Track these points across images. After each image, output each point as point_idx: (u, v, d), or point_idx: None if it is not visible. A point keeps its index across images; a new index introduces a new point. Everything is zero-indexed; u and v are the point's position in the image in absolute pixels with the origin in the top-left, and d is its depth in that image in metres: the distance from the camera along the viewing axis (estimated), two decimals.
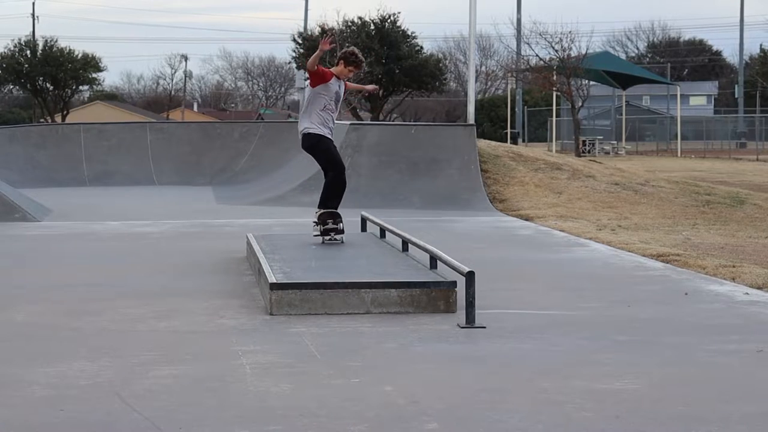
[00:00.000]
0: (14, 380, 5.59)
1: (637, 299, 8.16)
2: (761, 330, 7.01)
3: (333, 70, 9.93)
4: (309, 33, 57.25)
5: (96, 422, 4.85)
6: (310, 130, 9.87)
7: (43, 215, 15.00)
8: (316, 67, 9.64)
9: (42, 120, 62.53)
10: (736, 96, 65.65)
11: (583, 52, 47.64)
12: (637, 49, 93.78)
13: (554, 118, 50.25)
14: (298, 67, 56.32)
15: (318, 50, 9.48)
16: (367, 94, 11.70)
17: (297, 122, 10.41)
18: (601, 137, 52.08)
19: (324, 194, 9.95)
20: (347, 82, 10.20)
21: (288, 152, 20.41)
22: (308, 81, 9.86)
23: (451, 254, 7.93)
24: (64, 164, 22.18)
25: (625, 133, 55.02)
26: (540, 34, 47.95)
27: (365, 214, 11.23)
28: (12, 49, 65.70)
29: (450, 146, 17.52)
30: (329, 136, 9.92)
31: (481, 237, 12.73)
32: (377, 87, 10.89)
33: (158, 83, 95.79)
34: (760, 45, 77.26)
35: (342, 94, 10.02)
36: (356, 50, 10.07)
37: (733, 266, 9.83)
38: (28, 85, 66.13)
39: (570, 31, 47.32)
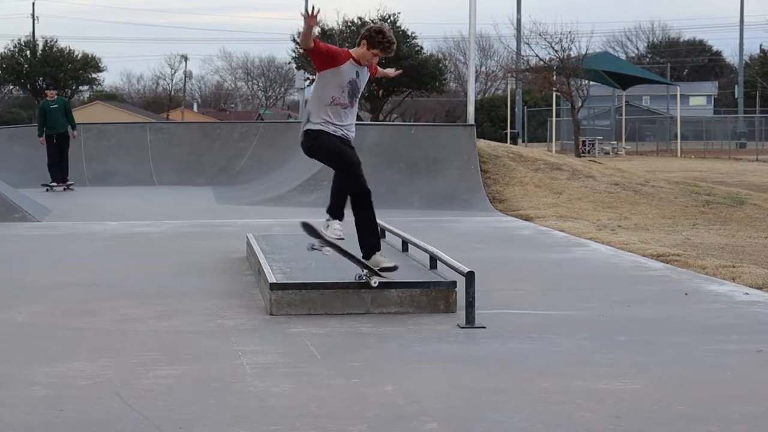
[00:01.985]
0: (14, 380, 5.59)
1: (637, 299, 8.16)
2: (761, 330, 7.01)
3: (353, 51, 7.64)
4: None
5: (96, 422, 4.84)
6: (308, 127, 7.63)
7: (43, 215, 14.99)
8: (312, 44, 7.36)
9: None
10: (736, 96, 65.68)
11: (583, 52, 47.63)
12: (637, 49, 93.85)
13: (554, 119, 50.26)
14: (298, 68, 56.41)
15: (305, 27, 7.32)
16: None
17: (297, 122, 9.99)
18: (601, 137, 52.09)
19: (331, 200, 7.78)
20: (375, 66, 7.90)
21: (288, 152, 20.39)
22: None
23: (451, 254, 7.93)
24: None
25: (624, 133, 55.03)
26: (540, 35, 47.94)
27: None
28: (12, 49, 65.91)
29: (450, 146, 17.51)
30: (335, 133, 7.58)
31: (481, 237, 12.72)
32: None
33: (158, 83, 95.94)
34: (760, 45, 77.50)
35: (362, 84, 7.69)
36: (385, 28, 7.65)
37: (733, 266, 9.83)
38: (28, 86, 66.20)
39: (570, 32, 47.33)
